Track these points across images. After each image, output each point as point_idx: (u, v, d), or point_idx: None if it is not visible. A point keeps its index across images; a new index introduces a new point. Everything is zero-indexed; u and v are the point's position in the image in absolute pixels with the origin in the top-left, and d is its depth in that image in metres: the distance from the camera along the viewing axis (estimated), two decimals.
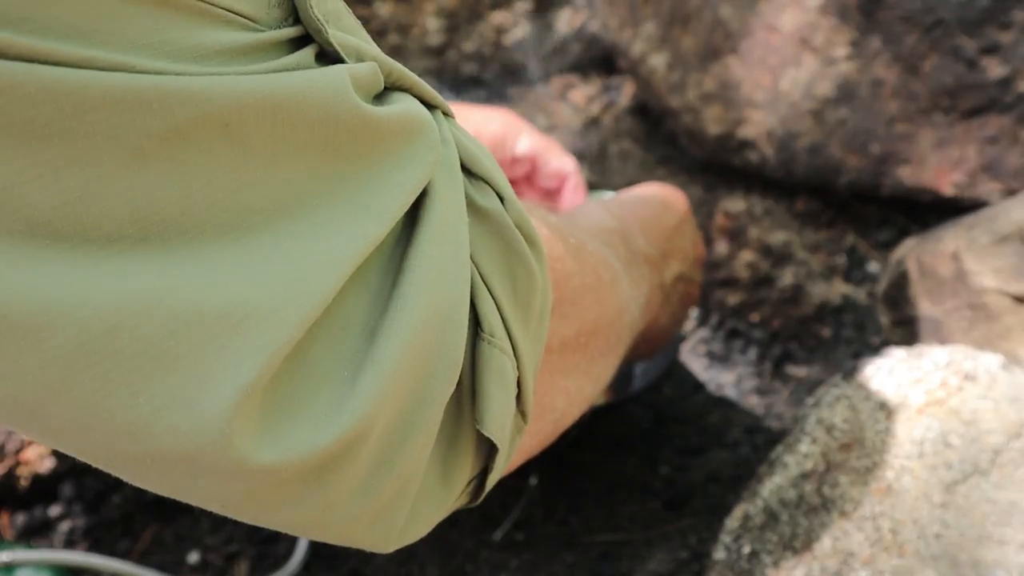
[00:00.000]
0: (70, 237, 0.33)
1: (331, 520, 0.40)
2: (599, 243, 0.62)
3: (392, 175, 0.39)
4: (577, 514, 0.85)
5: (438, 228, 0.41)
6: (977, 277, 0.82)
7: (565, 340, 0.55)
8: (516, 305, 0.45)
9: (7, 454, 0.86)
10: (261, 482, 0.37)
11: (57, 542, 0.85)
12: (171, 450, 0.35)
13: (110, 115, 0.33)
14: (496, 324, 0.44)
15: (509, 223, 0.45)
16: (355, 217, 0.38)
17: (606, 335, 0.60)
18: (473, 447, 0.46)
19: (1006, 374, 0.71)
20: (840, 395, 0.73)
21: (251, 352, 0.35)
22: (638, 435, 0.91)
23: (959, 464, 0.67)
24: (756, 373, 0.97)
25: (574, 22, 1.29)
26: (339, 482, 0.39)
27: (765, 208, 1.08)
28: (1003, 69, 0.95)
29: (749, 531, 0.70)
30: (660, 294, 0.76)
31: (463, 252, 0.42)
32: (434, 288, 0.40)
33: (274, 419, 0.36)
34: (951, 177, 0.98)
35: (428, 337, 0.40)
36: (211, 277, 0.35)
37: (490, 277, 0.44)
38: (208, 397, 0.34)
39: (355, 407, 0.37)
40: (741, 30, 1.06)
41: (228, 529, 0.85)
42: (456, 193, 0.43)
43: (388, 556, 0.82)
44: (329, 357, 0.38)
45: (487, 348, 0.44)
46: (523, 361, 0.46)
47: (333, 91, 0.37)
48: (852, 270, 1.04)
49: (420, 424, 0.41)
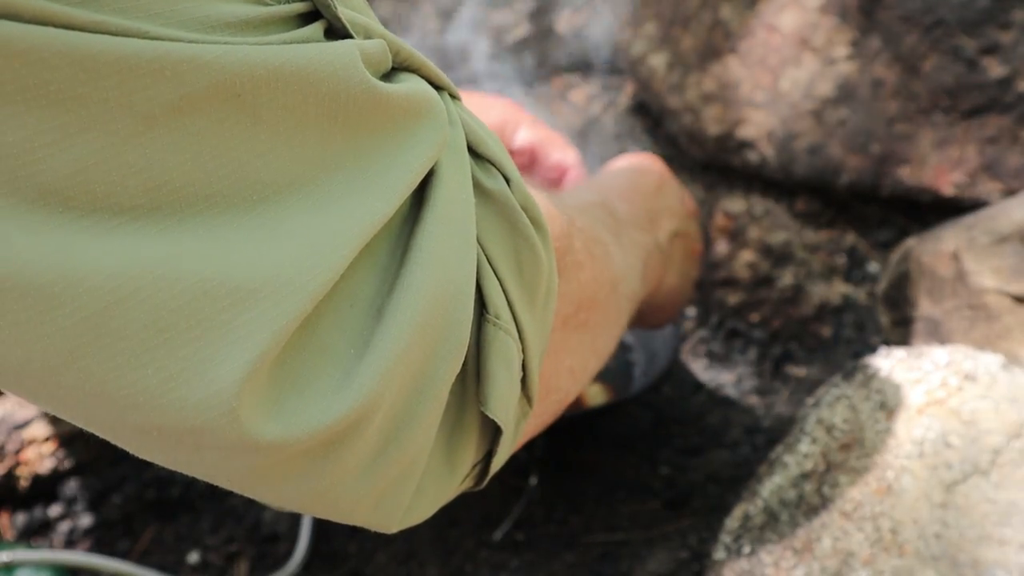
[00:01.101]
0: (82, 205, 0.33)
1: (336, 498, 0.40)
2: (587, 218, 0.62)
3: (400, 153, 0.39)
4: (577, 514, 0.85)
5: (445, 208, 0.41)
6: (977, 277, 0.82)
7: (567, 318, 0.55)
8: (522, 288, 0.46)
9: (7, 454, 0.86)
10: (267, 457, 0.37)
11: (57, 542, 0.85)
12: (178, 423, 0.35)
13: (123, 81, 0.33)
14: (501, 306, 0.44)
15: (515, 205, 0.45)
16: (364, 193, 0.38)
17: (604, 309, 0.60)
18: (477, 429, 0.46)
19: (1006, 374, 0.71)
20: (840, 395, 0.73)
21: (260, 326, 0.35)
22: (638, 435, 0.91)
23: (959, 464, 0.67)
24: (756, 373, 0.97)
25: (574, 22, 1.29)
26: (345, 460, 0.39)
27: (765, 208, 1.08)
28: (1003, 69, 0.95)
29: (749, 531, 0.70)
30: (659, 255, 0.76)
31: (470, 233, 0.42)
32: (441, 268, 0.40)
33: (281, 394, 0.36)
34: (951, 177, 0.98)
35: (434, 317, 0.40)
36: (222, 250, 0.35)
37: (496, 259, 0.45)
38: (216, 371, 0.35)
39: (361, 385, 0.38)
40: (741, 30, 1.06)
41: (228, 529, 0.85)
42: (463, 174, 0.43)
43: (388, 555, 0.82)
44: (337, 334, 0.38)
45: (492, 330, 0.44)
46: (528, 344, 0.46)
47: (343, 64, 0.37)
48: (852, 270, 1.04)
49: (426, 404, 0.41)
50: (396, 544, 0.83)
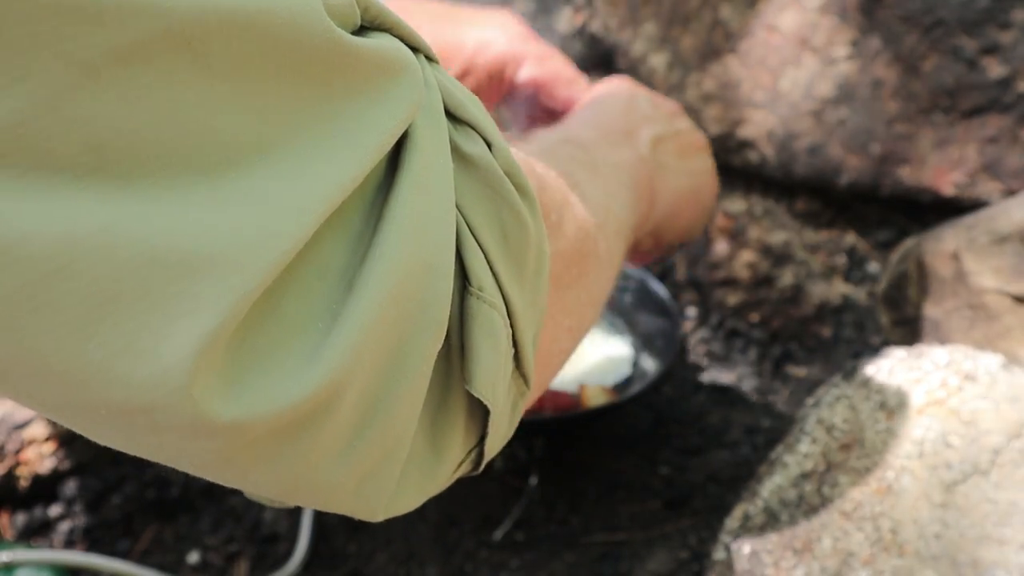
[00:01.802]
0: (18, 164, 0.30)
1: (312, 483, 0.38)
2: (556, 162, 0.59)
3: (370, 112, 0.36)
4: (577, 514, 0.85)
5: (420, 174, 0.38)
6: (977, 277, 0.82)
7: (558, 278, 0.52)
8: (508, 258, 0.43)
9: (7, 454, 0.86)
10: (229, 440, 0.35)
11: (57, 542, 0.85)
12: (125, 401, 0.33)
13: (59, 26, 0.30)
14: (485, 277, 0.42)
15: (498, 171, 0.42)
16: (332, 156, 0.35)
17: (596, 255, 0.57)
18: (465, 410, 0.43)
19: (1006, 374, 0.71)
20: (840, 395, 0.73)
21: (214, 299, 0.32)
22: (638, 435, 0.91)
23: (959, 464, 0.67)
24: (756, 373, 0.97)
25: (574, 22, 1.29)
26: (318, 441, 0.37)
27: (765, 208, 1.08)
28: (1003, 69, 0.95)
29: (749, 531, 0.70)
30: (645, 168, 0.72)
31: (447, 199, 0.40)
32: (416, 236, 0.38)
33: (240, 372, 0.34)
34: (951, 177, 0.98)
35: (409, 287, 0.37)
36: (173, 215, 0.32)
37: (479, 228, 0.42)
38: (165, 345, 0.32)
39: (329, 360, 0.35)
40: (741, 30, 1.06)
41: (228, 529, 0.85)
42: (440, 138, 0.40)
43: (388, 555, 0.82)
44: (303, 307, 0.35)
45: (475, 303, 0.41)
46: (518, 318, 0.43)
47: (303, 12, 0.34)
48: (852, 270, 1.04)
49: (404, 381, 0.38)
50: (396, 544, 0.83)
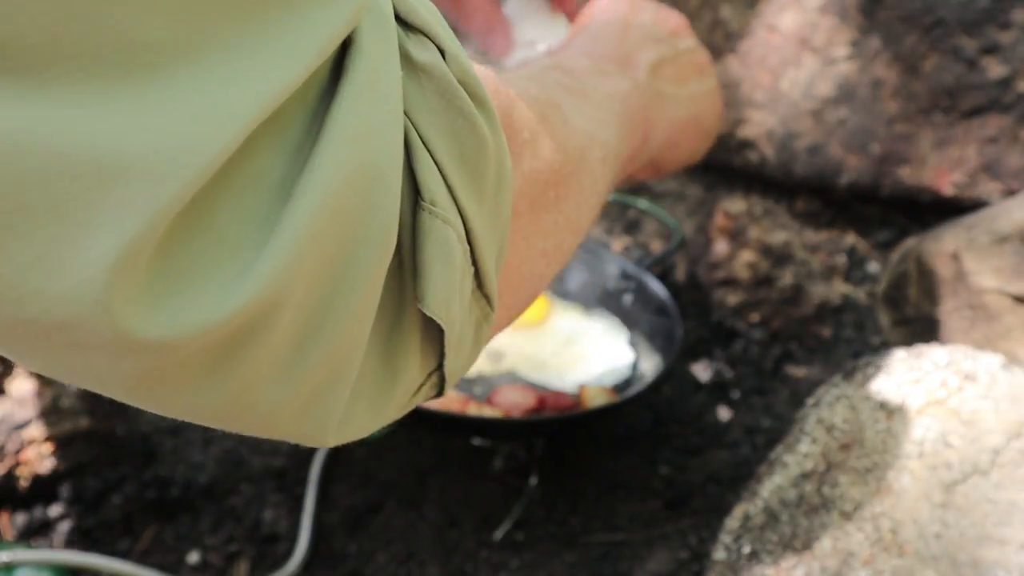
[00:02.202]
0: None
1: (251, 404, 0.36)
2: (538, 86, 0.57)
3: (309, 14, 0.34)
4: (577, 514, 0.85)
5: (365, 80, 0.36)
6: (977, 277, 0.82)
7: (534, 200, 0.50)
8: (465, 172, 0.41)
9: (7, 454, 0.86)
10: (158, 359, 0.33)
11: (57, 542, 0.85)
12: (39, 317, 0.31)
13: None
14: (438, 192, 0.40)
15: (451, 80, 0.40)
16: (266, 59, 0.33)
17: (577, 181, 0.55)
18: (420, 330, 0.41)
19: (1006, 374, 0.71)
20: (840, 395, 0.73)
21: (133, 208, 0.30)
22: (638, 435, 0.91)
23: (959, 464, 0.67)
24: (756, 373, 0.97)
25: None
26: (255, 359, 0.35)
27: (765, 208, 1.08)
28: (1003, 69, 0.95)
29: (749, 531, 0.70)
30: (639, 96, 0.70)
31: (394, 107, 0.38)
32: (358, 144, 0.35)
33: (166, 288, 0.32)
34: (951, 177, 0.98)
35: (351, 198, 0.35)
36: (88, 120, 0.30)
37: (432, 140, 0.40)
38: (80, 258, 0.30)
39: (262, 274, 0.33)
40: (741, 30, 1.06)
41: (228, 529, 0.85)
42: (387, 44, 0.38)
43: (388, 555, 0.82)
44: (237, 220, 0.33)
45: (428, 218, 0.39)
46: (477, 236, 0.42)
47: None
48: (852, 270, 1.04)
49: (348, 296, 0.36)
50: (396, 544, 0.83)
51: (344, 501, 0.86)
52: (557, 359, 0.94)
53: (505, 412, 0.85)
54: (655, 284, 0.96)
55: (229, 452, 0.90)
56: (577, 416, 0.86)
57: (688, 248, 1.05)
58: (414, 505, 0.85)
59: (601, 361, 0.93)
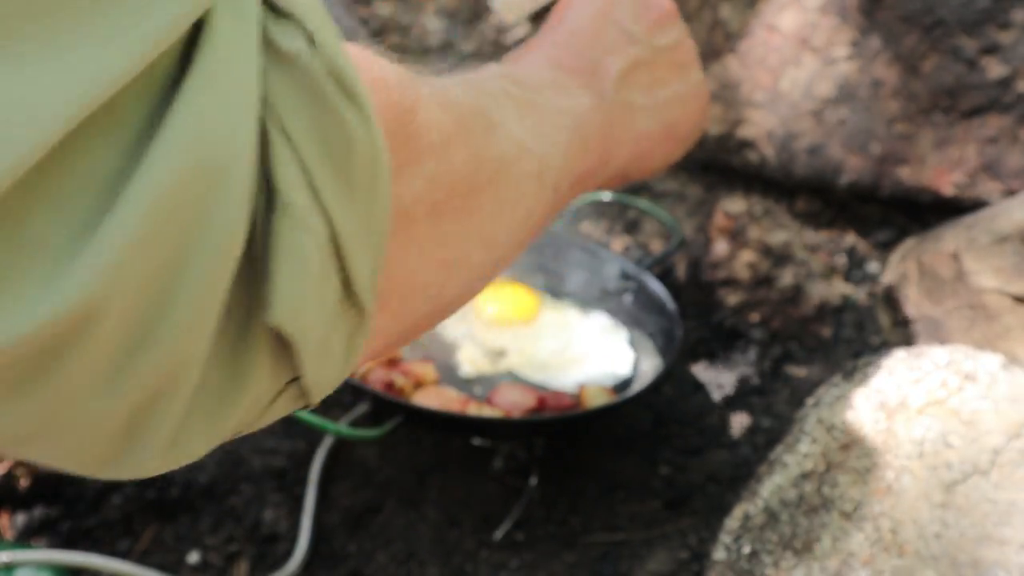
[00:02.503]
0: None
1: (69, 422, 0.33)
2: (469, 91, 0.54)
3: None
4: (577, 514, 0.85)
5: (213, 69, 0.33)
6: (977, 277, 0.82)
7: (435, 205, 0.47)
8: (332, 171, 0.38)
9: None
10: None
11: (57, 542, 0.85)
12: None
13: None
14: (297, 192, 0.36)
15: (318, 71, 0.36)
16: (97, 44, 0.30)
17: (494, 192, 0.52)
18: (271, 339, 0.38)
19: (1006, 374, 0.71)
20: (840, 395, 0.73)
21: None
22: (638, 435, 0.91)
23: (959, 464, 0.67)
24: (756, 373, 0.97)
25: None
26: (72, 373, 0.32)
27: (765, 208, 1.08)
28: (1003, 69, 0.95)
29: (749, 531, 0.70)
30: (602, 115, 0.66)
31: (246, 99, 0.34)
32: (197, 142, 0.32)
33: None
34: (951, 177, 0.98)
35: (185, 198, 0.32)
36: None
37: (296, 136, 0.36)
38: None
39: (78, 282, 0.31)
40: (741, 30, 1.06)
41: (228, 529, 0.85)
42: (245, 28, 0.35)
43: (388, 555, 0.82)
44: (56, 224, 0.31)
45: (277, 220, 0.36)
46: (346, 240, 0.38)
47: None
48: (852, 270, 1.04)
49: (181, 304, 0.34)
50: (396, 544, 0.83)
51: (344, 501, 0.86)
52: (557, 359, 0.94)
53: (505, 412, 0.85)
54: (655, 284, 0.96)
55: (229, 452, 0.90)
56: (577, 416, 0.86)
57: (688, 248, 1.05)
58: (414, 505, 0.85)
59: (601, 361, 0.93)
